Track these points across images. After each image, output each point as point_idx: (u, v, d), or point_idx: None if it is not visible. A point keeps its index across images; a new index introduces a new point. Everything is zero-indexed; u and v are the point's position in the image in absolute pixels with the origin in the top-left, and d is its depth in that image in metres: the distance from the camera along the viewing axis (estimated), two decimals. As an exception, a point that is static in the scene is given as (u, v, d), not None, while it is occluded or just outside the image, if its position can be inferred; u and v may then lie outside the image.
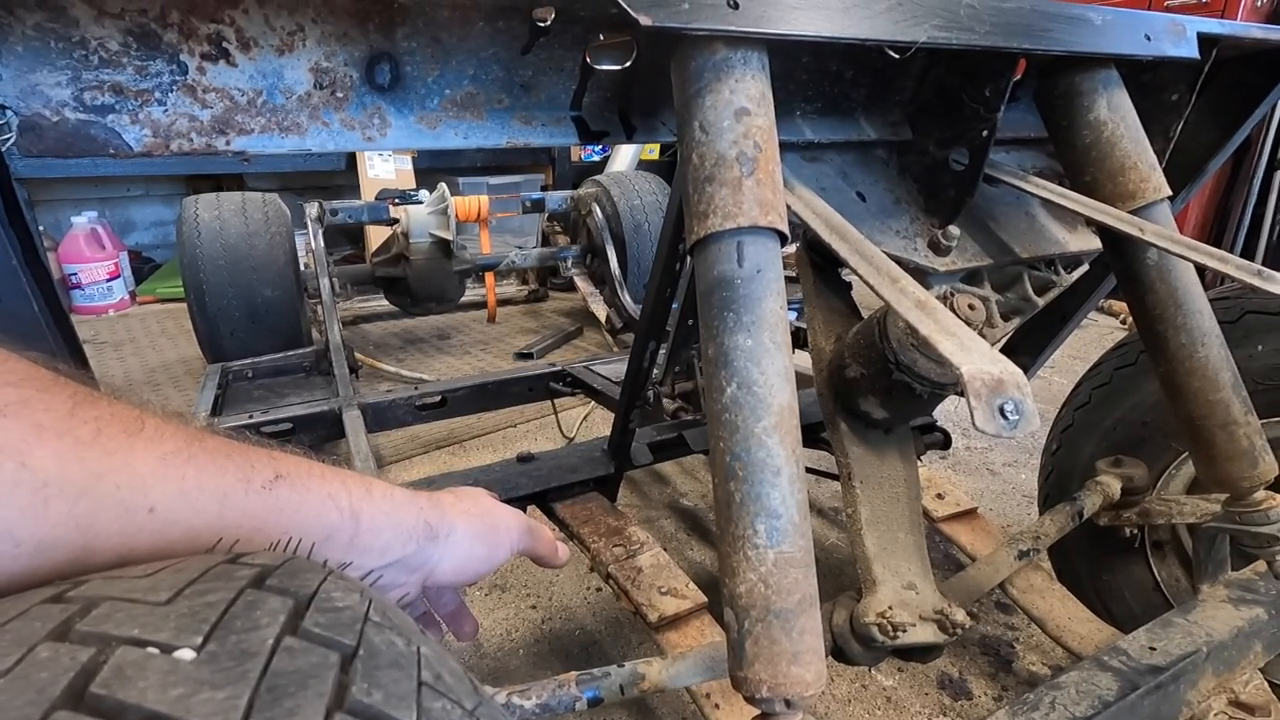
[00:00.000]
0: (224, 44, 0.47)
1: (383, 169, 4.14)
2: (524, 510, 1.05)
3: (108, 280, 3.48)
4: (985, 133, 0.68)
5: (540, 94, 0.59)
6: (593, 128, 0.62)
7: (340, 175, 4.24)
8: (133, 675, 0.20)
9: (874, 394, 0.67)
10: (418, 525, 0.43)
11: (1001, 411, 0.38)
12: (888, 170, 0.79)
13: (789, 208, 0.57)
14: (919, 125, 0.77)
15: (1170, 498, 0.85)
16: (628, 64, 0.57)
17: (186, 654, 0.21)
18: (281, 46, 0.49)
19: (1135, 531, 0.89)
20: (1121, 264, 0.70)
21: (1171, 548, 0.92)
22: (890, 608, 0.62)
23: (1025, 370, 1.27)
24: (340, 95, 0.52)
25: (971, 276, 0.78)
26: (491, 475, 1.00)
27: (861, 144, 0.78)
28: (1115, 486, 0.84)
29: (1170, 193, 0.68)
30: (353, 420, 1.42)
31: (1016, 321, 0.77)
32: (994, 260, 0.76)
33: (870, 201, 0.75)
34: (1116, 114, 0.68)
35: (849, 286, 0.82)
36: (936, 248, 0.73)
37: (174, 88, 0.47)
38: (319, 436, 1.54)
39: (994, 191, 0.84)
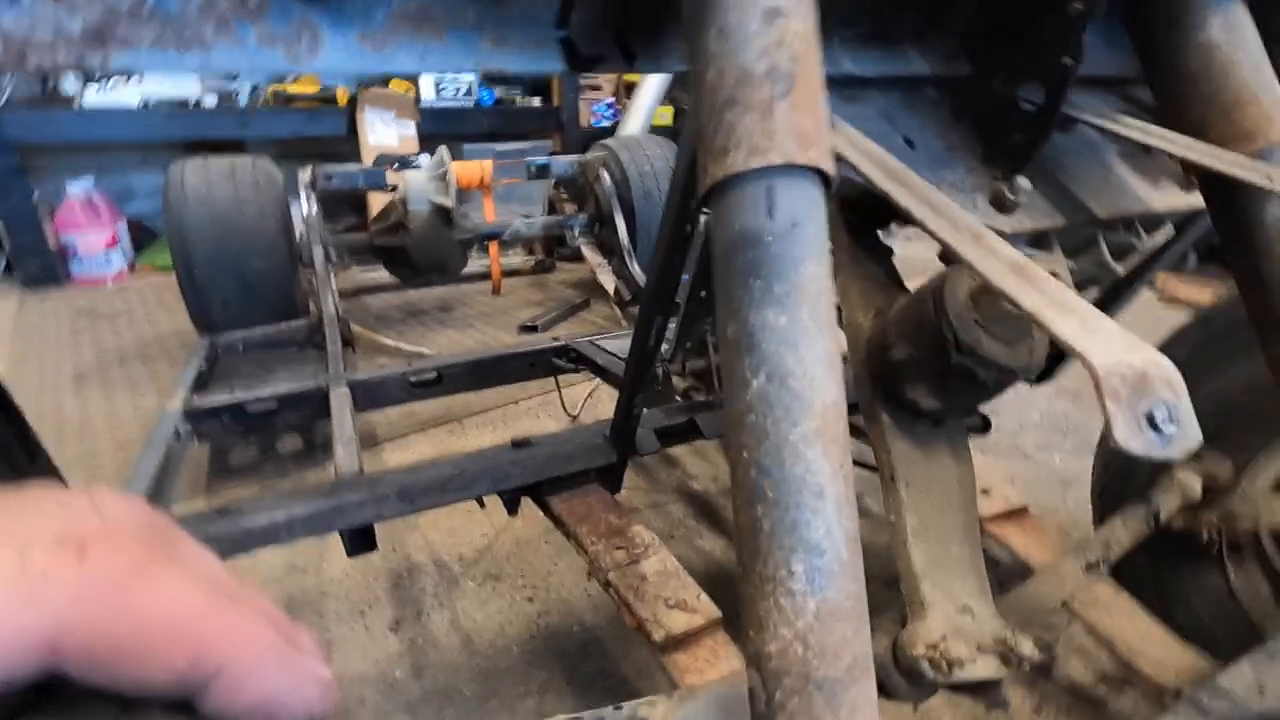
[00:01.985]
0: (87, -78, 0.36)
1: (385, 135, 4.01)
2: (516, 502, 0.96)
3: (105, 250, 3.40)
4: (1068, 61, 0.55)
5: (514, 7, 0.47)
6: (583, 52, 0.50)
7: (341, 142, 4.11)
8: None
9: (924, 381, 0.56)
10: None
11: (1151, 420, 0.26)
12: (939, 113, 0.67)
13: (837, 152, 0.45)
14: (979, 58, 0.64)
15: (1258, 496, 0.74)
16: (626, -36, 0.45)
17: None
18: (168, -71, 0.37)
19: (1213, 534, 0.78)
20: (1230, 222, 0.57)
21: (1252, 551, 0.81)
22: (944, 637, 0.52)
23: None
24: (256, 2, 0.41)
25: (1038, 241, 0.66)
26: (482, 463, 0.90)
27: (908, 81, 0.66)
28: (1196, 485, 0.72)
29: (1298, 133, 0.55)
30: (340, 399, 1.33)
31: (1092, 292, 0.65)
32: (1068, 220, 0.63)
33: (919, 149, 0.63)
34: (1234, 35, 0.55)
35: (890, 253, 0.70)
36: (1000, 204, 0.61)
37: (25, -17, 0.36)
38: (306, 415, 1.45)
39: (1064, 141, 0.71)
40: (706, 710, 0.49)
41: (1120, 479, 0.89)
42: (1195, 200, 0.71)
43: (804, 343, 0.34)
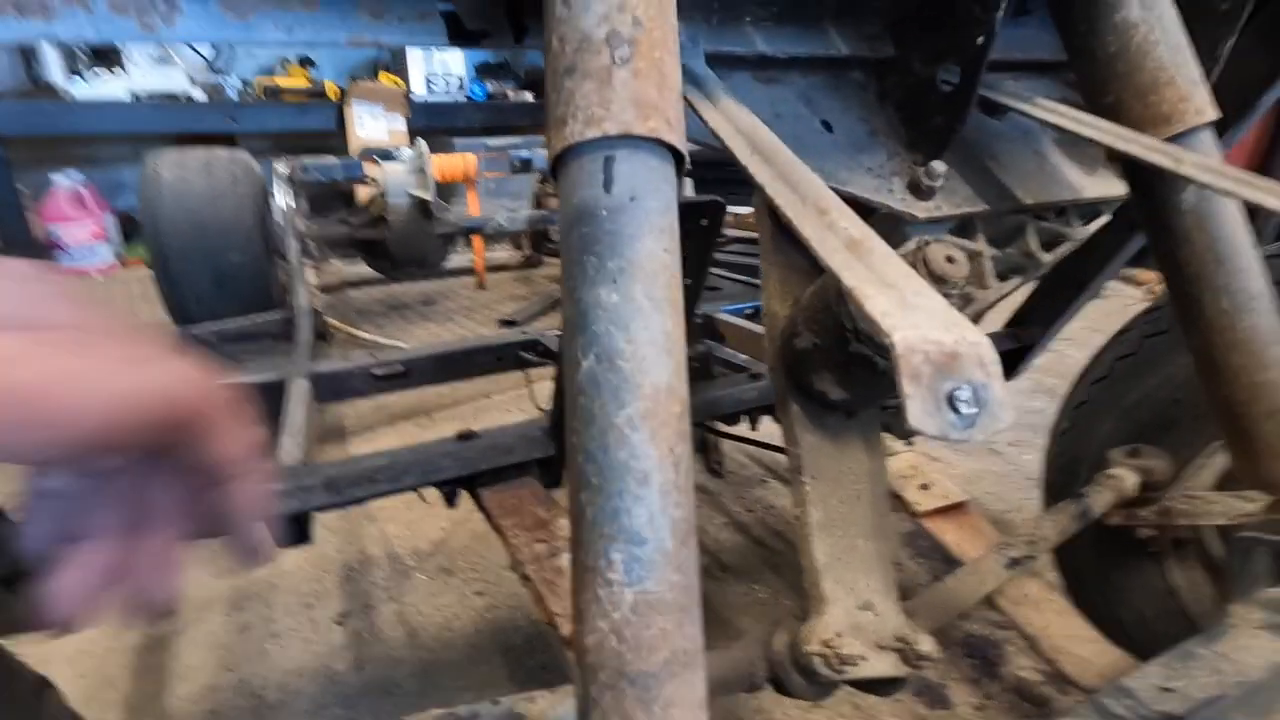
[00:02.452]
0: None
1: (374, 129, 4.00)
2: (454, 495, 0.94)
3: (92, 242, 3.40)
4: (981, 39, 0.53)
5: (392, -24, 0.46)
6: (468, 26, 0.49)
7: (332, 136, 4.10)
8: None
9: (829, 370, 0.54)
10: None
11: (951, 401, 0.25)
12: (864, 96, 0.65)
13: (704, 122, 0.43)
14: (902, 37, 0.62)
15: (1197, 494, 0.72)
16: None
17: None
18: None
19: (1153, 532, 0.76)
20: (1149, 209, 0.56)
21: (1193, 547, 0.79)
22: (838, 634, 0.50)
23: (1035, 343, 1.12)
24: (102, -34, 0.39)
25: (963, 228, 0.64)
26: (416, 455, 0.89)
27: (832, 63, 0.64)
28: (1131, 481, 0.70)
29: (1217, 114, 0.53)
30: (298, 390, 1.31)
31: (1015, 282, 0.63)
32: (990, 206, 0.62)
33: (838, 132, 0.61)
34: (1152, 14, 0.53)
35: (815, 239, 0.69)
36: (917, 189, 0.59)
37: None
38: (266, 408, 1.44)
39: (996, 127, 0.69)
40: (587, 706, 0.47)
41: (1065, 473, 0.87)
42: (1131, 189, 0.70)
43: (636, 322, 0.32)
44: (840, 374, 0.54)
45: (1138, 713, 0.48)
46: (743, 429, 1.18)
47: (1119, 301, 2.78)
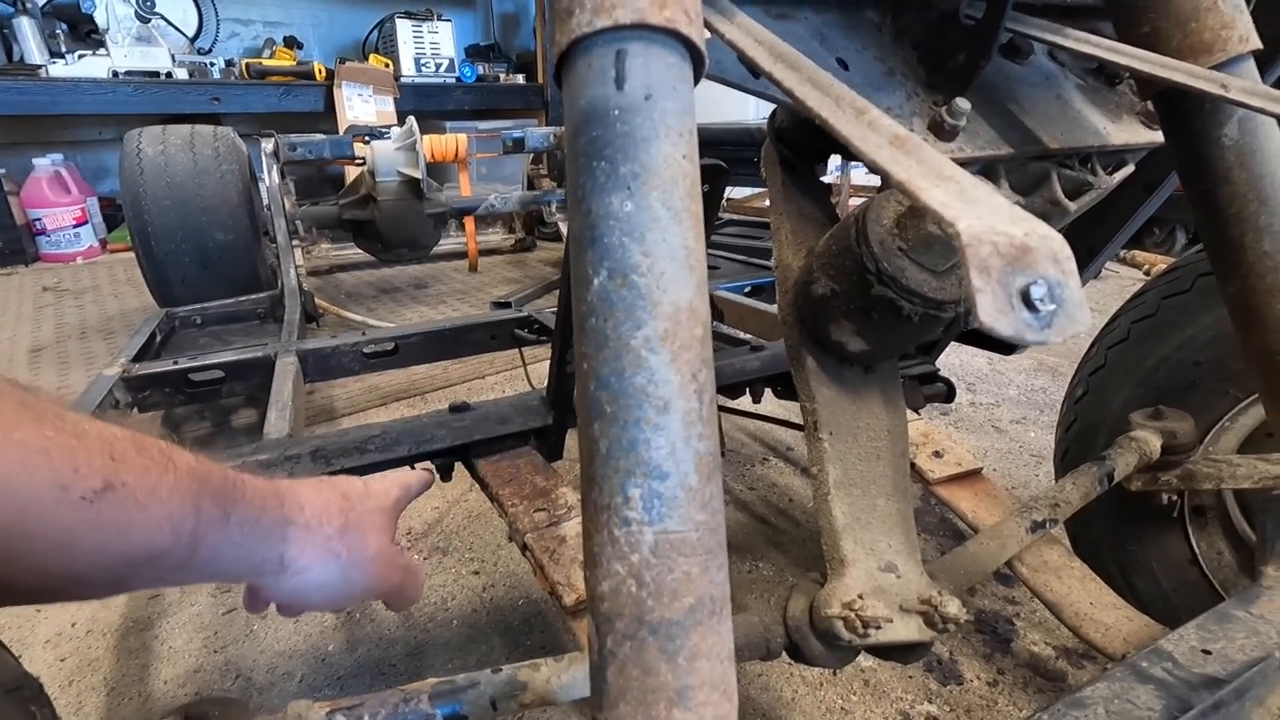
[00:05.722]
0: None
1: (363, 111, 3.93)
2: (450, 467, 0.91)
3: (74, 226, 3.33)
4: (1009, -36, 0.50)
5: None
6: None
7: (321, 118, 4.03)
8: None
9: (848, 318, 0.51)
10: (269, 559, 0.41)
11: (1025, 298, 0.21)
12: (879, 36, 0.61)
13: (720, 37, 0.40)
14: (922, -30, 0.59)
15: (1221, 458, 0.70)
16: None
17: None
18: None
19: (1174, 498, 0.74)
20: (1188, 147, 0.52)
21: (1215, 515, 0.77)
22: (860, 596, 0.47)
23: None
24: None
25: (985, 173, 0.61)
26: (409, 426, 0.85)
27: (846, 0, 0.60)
28: (1154, 444, 0.68)
29: (1259, 44, 0.50)
30: (284, 368, 1.27)
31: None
32: (1014, 150, 0.58)
33: (855, 71, 0.58)
34: (1192, -65, 0.50)
35: (828, 190, 0.65)
36: (939, 130, 0.55)
37: None
38: (253, 385, 1.39)
39: (1017, 70, 0.66)
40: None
41: (1080, 441, 0.84)
42: (1158, 137, 0.67)
43: (653, 234, 0.29)
44: (860, 321, 0.50)
45: (1177, 675, 0.45)
46: (744, 403, 1.15)
47: (1117, 283, 2.76)
